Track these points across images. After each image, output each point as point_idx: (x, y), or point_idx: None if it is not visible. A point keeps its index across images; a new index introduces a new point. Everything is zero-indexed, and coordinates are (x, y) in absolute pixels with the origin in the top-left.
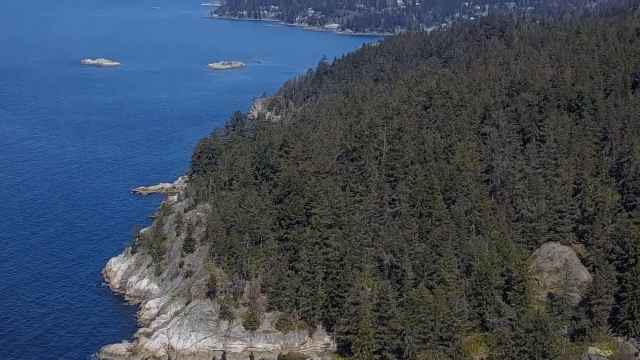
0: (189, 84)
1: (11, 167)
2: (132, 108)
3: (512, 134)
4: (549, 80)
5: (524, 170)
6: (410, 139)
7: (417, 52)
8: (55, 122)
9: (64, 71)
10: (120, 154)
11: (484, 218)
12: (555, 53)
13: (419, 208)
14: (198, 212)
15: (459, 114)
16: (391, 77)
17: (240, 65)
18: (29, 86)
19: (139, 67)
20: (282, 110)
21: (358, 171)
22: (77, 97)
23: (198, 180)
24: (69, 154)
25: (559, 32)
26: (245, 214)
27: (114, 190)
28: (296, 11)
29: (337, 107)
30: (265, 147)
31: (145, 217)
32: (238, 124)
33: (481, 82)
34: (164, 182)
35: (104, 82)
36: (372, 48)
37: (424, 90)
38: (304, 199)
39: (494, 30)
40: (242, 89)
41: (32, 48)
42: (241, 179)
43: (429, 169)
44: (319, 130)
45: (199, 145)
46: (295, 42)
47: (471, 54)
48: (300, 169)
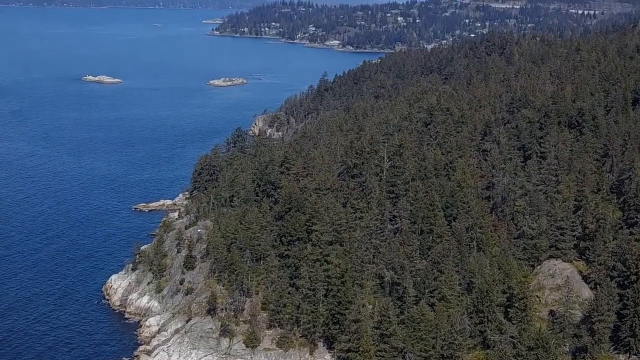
0: (190, 101)
1: (13, 184)
2: (133, 125)
3: (513, 150)
4: (549, 97)
5: (525, 187)
6: (411, 155)
7: (418, 69)
8: (57, 139)
9: (65, 88)
10: (122, 171)
11: (485, 235)
12: (556, 70)
13: (420, 225)
14: (199, 229)
15: (460, 130)
16: (392, 94)
17: (241, 82)
18: (30, 103)
19: (140, 84)
20: (283, 127)
21: (359, 188)
22: (78, 114)
23: (199, 197)
24: (71, 171)
25: (559, 49)
26: (246, 231)
27: (115, 207)
28: (297, 28)
29: (338, 124)
30: (266, 163)
31: (146, 234)
32: (239, 140)
33: (482, 99)
34: (165, 199)
35: (105, 99)
36: (373, 65)
37: (424, 107)
38: (304, 216)
39: (495, 47)
40: (243, 106)
41: (34, 65)
42: (242, 195)
43: (430, 186)
44: (320, 147)
45: (200, 162)
46: (296, 59)
47: (472, 70)
48: (301, 185)
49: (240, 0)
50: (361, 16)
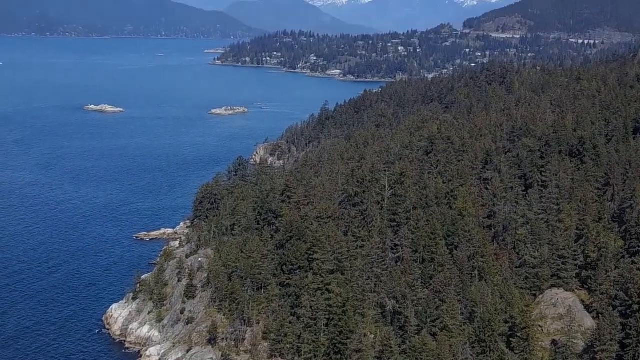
0: (192, 130)
1: (14, 213)
2: (135, 154)
3: (514, 179)
4: (550, 126)
5: (526, 215)
6: (412, 184)
7: (419, 98)
8: (59, 168)
9: (68, 117)
10: (123, 200)
11: (487, 264)
12: (556, 99)
13: (421, 253)
14: (200, 257)
15: (461, 159)
16: (393, 123)
17: (242, 111)
18: (32, 132)
19: (142, 113)
20: (284, 156)
21: (360, 216)
22: (80, 143)
23: (200, 226)
24: (72, 200)
25: (559, 78)
26: (247, 260)
27: (117, 236)
28: (298, 58)
29: (339, 152)
30: (267, 192)
31: (147, 263)
32: (240, 169)
33: (482, 128)
34: (166, 227)
35: (107, 128)
36: (374, 94)
37: (425, 136)
38: (305, 244)
39: (495, 77)
40: (244, 135)
41: (36, 94)
42: (243, 224)
43: (431, 214)
44: (321, 175)
45: (201, 190)
46: (298, 88)
47: (472, 99)
48: (302, 214)
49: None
50: (362, 46)
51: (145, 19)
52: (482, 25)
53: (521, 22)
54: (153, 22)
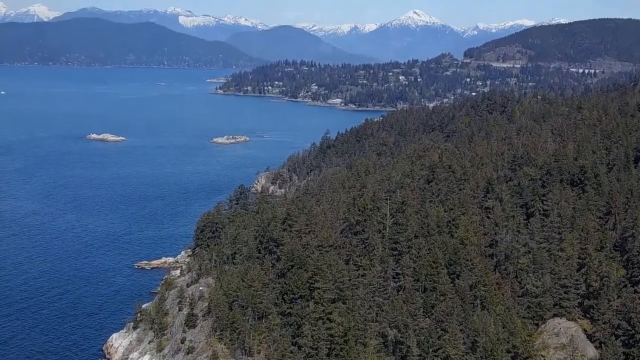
0: (194, 159)
1: (16, 242)
2: (136, 182)
3: (516, 208)
4: (551, 155)
5: (528, 244)
6: (414, 212)
7: (420, 127)
8: (60, 197)
9: (70, 146)
10: (124, 229)
11: (489, 293)
12: (557, 128)
13: (423, 282)
14: (200, 286)
15: (462, 187)
16: (394, 151)
17: (244, 139)
18: (34, 161)
19: (144, 142)
20: (286, 184)
21: (361, 245)
22: (82, 172)
23: (201, 255)
24: (73, 229)
25: (560, 107)
26: (248, 289)
27: (117, 265)
28: (300, 87)
29: (341, 181)
30: (269, 220)
31: (148, 292)
32: (241, 197)
33: (484, 157)
34: (168, 256)
35: (109, 156)
36: (375, 122)
37: (426, 164)
38: (307, 273)
39: (496, 106)
40: (245, 163)
41: (39, 123)
42: (244, 252)
43: (433, 243)
44: (323, 204)
45: (203, 219)
46: (299, 117)
47: (473, 128)
48: (304, 242)
49: (243, 60)
50: (363, 75)
51: (148, 48)
52: (483, 55)
53: (521, 52)
54: (155, 52)
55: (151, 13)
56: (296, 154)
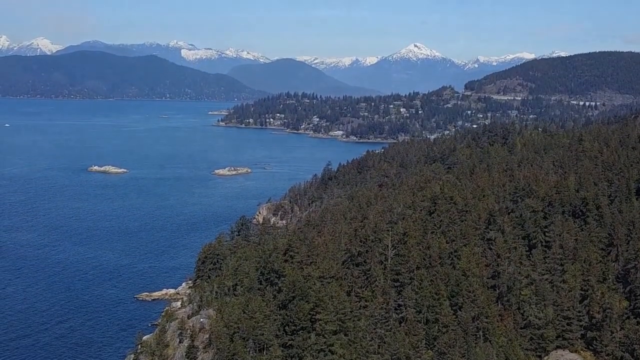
0: (195, 190)
1: (15, 274)
2: (137, 214)
3: (518, 239)
4: (552, 187)
5: (531, 276)
6: (416, 243)
7: (421, 158)
8: (62, 229)
9: (72, 178)
10: (125, 260)
11: (492, 325)
12: (559, 160)
13: (425, 314)
14: (201, 318)
15: (464, 219)
16: (395, 183)
17: (246, 171)
18: (36, 193)
19: (146, 174)
20: (287, 215)
21: (363, 276)
22: (83, 204)
23: (202, 286)
24: (74, 261)
25: (561, 139)
26: (249, 320)
27: (118, 297)
28: (301, 119)
29: (342, 212)
30: (270, 251)
31: (149, 324)
32: (243, 229)
33: (485, 188)
34: (168, 287)
35: (111, 188)
36: (377, 154)
37: (428, 196)
38: (308, 305)
39: (497, 137)
40: (247, 195)
41: (41, 155)
42: (245, 284)
43: (435, 274)
44: (324, 235)
45: (204, 250)
46: (301, 149)
47: (474, 160)
48: (305, 273)
49: (245, 93)
50: (364, 107)
51: (150, 81)
52: (484, 88)
53: (522, 85)
54: (157, 85)
55: (154, 46)
56: (298, 185)
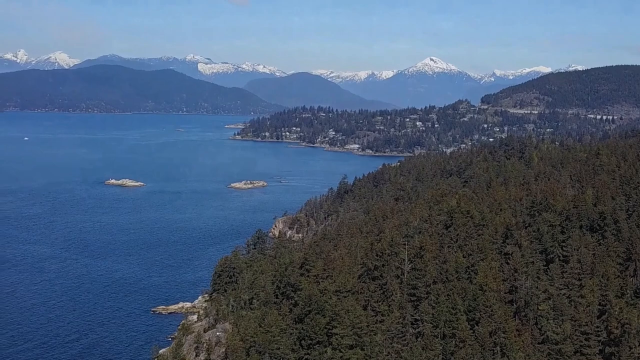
0: (211, 203)
1: (33, 287)
2: (154, 227)
3: (535, 254)
4: (570, 201)
5: (548, 290)
6: (432, 258)
7: (437, 172)
8: (79, 242)
9: (89, 191)
10: (142, 274)
11: (509, 340)
12: (576, 174)
13: (442, 329)
14: (218, 331)
15: (481, 233)
16: (412, 196)
17: (262, 184)
18: (53, 206)
19: (163, 187)
20: (303, 229)
21: (379, 290)
22: (100, 217)
23: (218, 300)
24: (91, 274)
25: (578, 153)
26: (265, 334)
27: (135, 310)
28: (317, 132)
29: (358, 226)
30: (286, 265)
31: (165, 337)
32: (259, 242)
33: (502, 202)
34: (185, 301)
35: (128, 202)
36: (393, 168)
37: (444, 210)
38: (324, 319)
39: (514, 151)
40: (263, 208)
41: (58, 169)
42: (262, 297)
43: (452, 289)
44: (340, 249)
45: (220, 263)
46: (316, 162)
47: (491, 174)
48: (321, 287)
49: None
50: (380, 121)
51: (167, 95)
52: (500, 101)
53: (539, 98)
54: (174, 99)
55: (170, 60)
56: (314, 199)
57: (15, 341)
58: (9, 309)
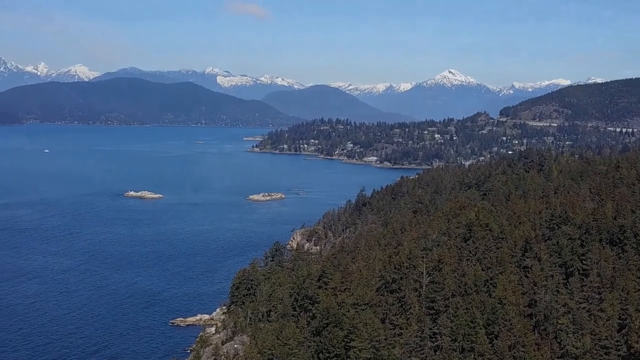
0: (229, 215)
1: (52, 299)
2: (172, 239)
3: (555, 267)
4: (590, 214)
5: (568, 304)
6: (451, 271)
7: (456, 185)
8: (97, 254)
9: (108, 203)
10: (160, 286)
11: (528, 354)
12: (596, 187)
13: (460, 342)
14: (235, 344)
15: (500, 246)
16: (430, 209)
17: (280, 196)
18: (73, 218)
19: (181, 199)
20: (321, 241)
21: (398, 303)
22: (119, 229)
23: (236, 312)
24: (110, 285)
25: (598, 166)
26: (283, 347)
27: (153, 322)
28: (335, 145)
29: (376, 238)
30: (304, 278)
31: (183, 349)
32: (277, 254)
33: (521, 215)
34: (203, 313)
35: (146, 214)
36: (411, 180)
37: (463, 222)
38: (342, 332)
39: (533, 164)
40: (281, 220)
41: (79, 181)
42: (279, 310)
43: (471, 302)
44: (358, 261)
45: (238, 275)
46: (335, 175)
47: (510, 186)
48: (339, 300)
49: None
50: (398, 133)
51: (186, 107)
52: (519, 114)
53: (558, 111)
54: (193, 111)
55: (190, 73)
56: (332, 211)
57: (35, 353)
58: (29, 321)
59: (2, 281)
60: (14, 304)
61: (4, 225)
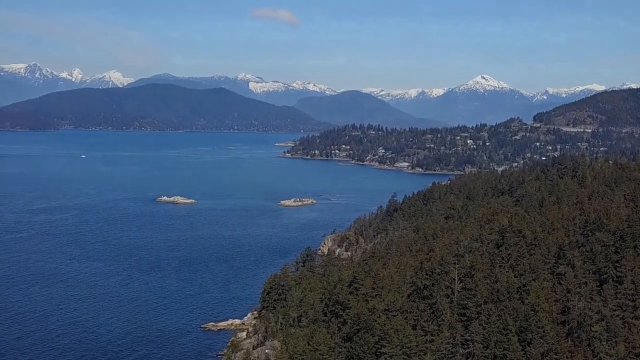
0: (261, 221)
1: (86, 303)
2: (205, 244)
3: (588, 274)
4: (624, 221)
5: (602, 312)
6: (483, 277)
7: (488, 191)
8: (131, 258)
9: (141, 208)
10: (192, 290)
11: None
12: (630, 193)
13: (493, 349)
14: (266, 349)
15: (533, 253)
16: (462, 215)
17: (311, 202)
18: (106, 223)
19: (213, 205)
20: (352, 247)
21: (429, 310)
22: (152, 234)
23: (267, 317)
24: (142, 289)
25: (633, 172)
26: (314, 352)
27: (184, 326)
28: (367, 150)
29: (408, 244)
30: (335, 283)
31: (214, 354)
32: (308, 260)
33: (554, 221)
34: (234, 318)
35: (179, 219)
36: (443, 186)
37: (496, 229)
38: (373, 338)
39: (567, 170)
40: (312, 226)
41: (113, 186)
42: (310, 315)
43: (503, 309)
44: (389, 267)
45: (269, 281)
46: (366, 180)
47: (543, 193)
48: (370, 306)
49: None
50: (430, 139)
51: (218, 113)
52: (553, 120)
53: (592, 117)
54: (226, 117)
55: (222, 79)
56: (363, 217)
57: (66, 356)
58: (60, 324)
59: (36, 285)
60: (46, 307)
61: (40, 229)
